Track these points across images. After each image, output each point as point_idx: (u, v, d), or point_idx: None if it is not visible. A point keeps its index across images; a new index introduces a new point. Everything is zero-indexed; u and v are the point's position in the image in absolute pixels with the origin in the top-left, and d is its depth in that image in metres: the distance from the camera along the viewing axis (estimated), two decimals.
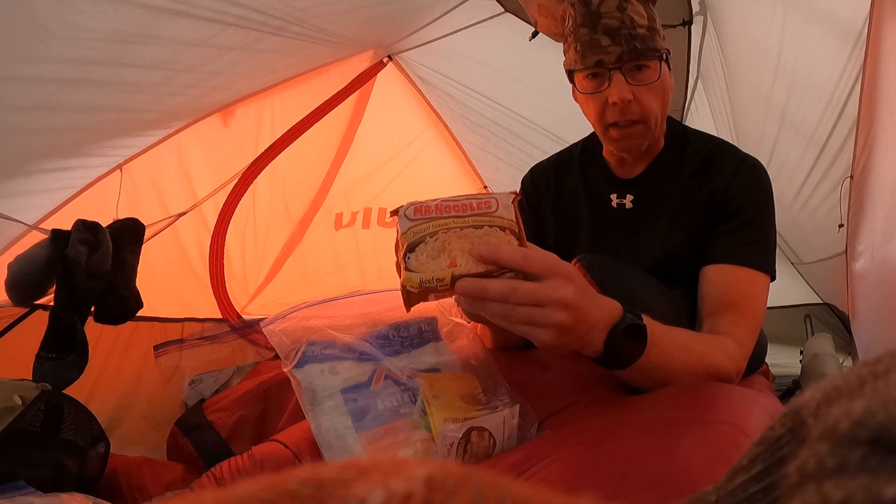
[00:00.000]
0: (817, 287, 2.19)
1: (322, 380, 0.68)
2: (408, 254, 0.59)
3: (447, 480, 0.15)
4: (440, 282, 0.58)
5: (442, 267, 0.58)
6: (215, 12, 1.17)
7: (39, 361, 1.02)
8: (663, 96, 0.95)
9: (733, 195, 0.94)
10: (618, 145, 0.97)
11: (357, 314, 0.77)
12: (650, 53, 0.90)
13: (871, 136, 1.35)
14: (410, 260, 0.59)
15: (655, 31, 0.92)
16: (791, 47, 1.49)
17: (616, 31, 0.89)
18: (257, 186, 1.85)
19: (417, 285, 0.58)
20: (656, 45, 0.91)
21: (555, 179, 1.12)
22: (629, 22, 0.89)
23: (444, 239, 0.59)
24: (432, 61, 2.00)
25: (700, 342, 0.81)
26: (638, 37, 0.89)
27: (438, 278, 0.58)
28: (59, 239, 1.03)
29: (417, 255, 0.59)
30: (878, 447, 0.16)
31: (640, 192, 1.02)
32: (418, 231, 0.60)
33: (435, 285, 0.58)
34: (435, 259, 0.59)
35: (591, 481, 0.54)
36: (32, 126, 1.13)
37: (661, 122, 0.97)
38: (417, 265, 0.59)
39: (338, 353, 0.70)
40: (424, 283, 0.58)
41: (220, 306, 1.86)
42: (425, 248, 0.59)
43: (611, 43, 0.89)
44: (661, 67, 0.92)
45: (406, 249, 0.60)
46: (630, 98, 0.91)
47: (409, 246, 0.59)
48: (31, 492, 0.83)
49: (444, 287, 0.59)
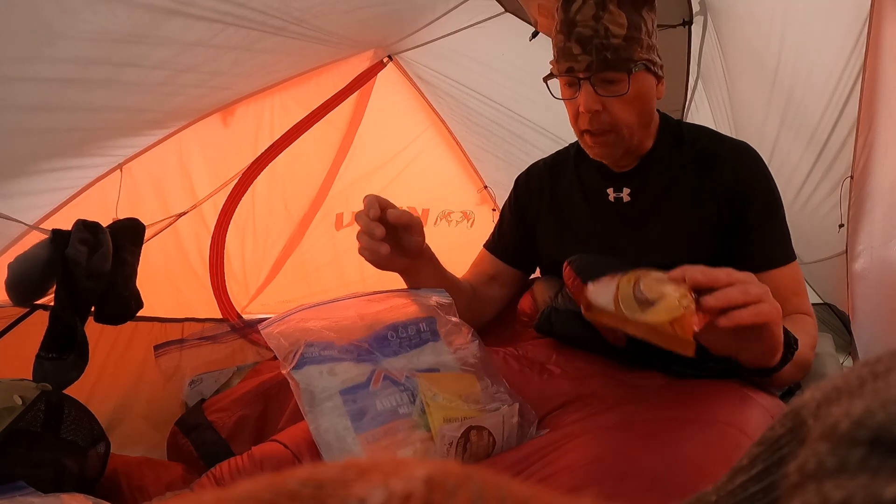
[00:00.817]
0: (817, 287, 2.19)
1: (321, 381, 0.68)
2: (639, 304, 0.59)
3: (447, 480, 0.15)
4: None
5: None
6: (216, 12, 1.17)
7: (39, 361, 1.02)
8: (640, 106, 0.93)
9: (742, 192, 0.95)
10: (592, 151, 0.98)
11: (355, 315, 0.77)
12: (621, 65, 0.89)
13: (871, 136, 1.35)
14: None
15: (635, 41, 0.90)
16: (791, 47, 1.49)
17: (587, 41, 0.88)
18: (257, 186, 1.85)
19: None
20: (632, 55, 0.89)
21: (549, 179, 1.12)
22: (603, 32, 0.88)
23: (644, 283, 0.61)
24: (432, 61, 2.00)
25: (800, 326, 0.88)
26: (610, 47, 0.88)
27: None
28: (60, 239, 1.03)
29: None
30: (878, 447, 0.16)
31: (637, 184, 1.01)
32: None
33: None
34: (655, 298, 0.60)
35: (591, 481, 0.54)
36: (33, 126, 1.13)
37: (639, 130, 0.96)
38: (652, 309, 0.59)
39: (336, 354, 0.70)
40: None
41: (221, 306, 1.86)
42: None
43: (581, 52, 0.89)
44: (630, 80, 0.90)
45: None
46: (598, 108, 0.91)
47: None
48: (31, 492, 0.83)
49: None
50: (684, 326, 0.57)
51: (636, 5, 0.90)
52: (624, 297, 0.60)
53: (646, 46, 0.92)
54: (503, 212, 1.20)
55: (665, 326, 0.57)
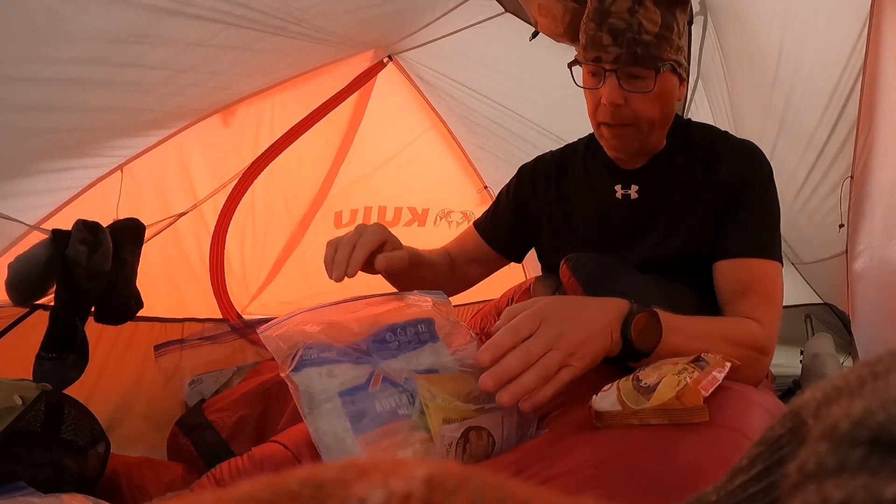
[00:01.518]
0: (817, 287, 2.19)
1: (320, 383, 0.67)
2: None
3: (447, 480, 0.15)
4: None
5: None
6: (216, 12, 1.17)
7: (39, 361, 1.02)
8: (662, 104, 0.93)
9: (738, 185, 0.95)
10: (607, 143, 0.98)
11: (354, 318, 0.77)
12: (650, 62, 0.88)
13: (871, 136, 1.35)
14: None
15: (665, 41, 0.89)
16: (791, 47, 1.49)
17: (620, 33, 0.87)
18: (257, 186, 1.85)
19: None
20: (661, 54, 0.89)
21: (557, 172, 1.11)
22: (636, 26, 0.87)
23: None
24: (432, 61, 2.00)
25: (719, 322, 0.86)
26: (641, 42, 0.87)
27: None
28: (60, 239, 1.03)
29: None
30: (878, 447, 0.16)
31: (645, 182, 1.01)
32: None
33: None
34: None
35: (591, 482, 0.54)
36: (33, 126, 1.13)
37: (658, 129, 0.96)
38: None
39: (335, 356, 0.70)
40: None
41: (221, 306, 1.86)
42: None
43: (612, 43, 0.88)
44: (657, 78, 0.89)
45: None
46: (620, 102, 0.90)
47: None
48: (31, 492, 0.83)
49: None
50: (690, 396, 0.58)
51: (670, 5, 0.89)
52: (626, 393, 0.61)
53: (675, 47, 0.91)
54: (500, 196, 1.19)
55: (672, 402, 0.58)
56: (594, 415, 0.63)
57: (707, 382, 0.60)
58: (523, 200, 1.14)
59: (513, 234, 1.15)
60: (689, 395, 0.57)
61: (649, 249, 0.99)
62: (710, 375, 0.61)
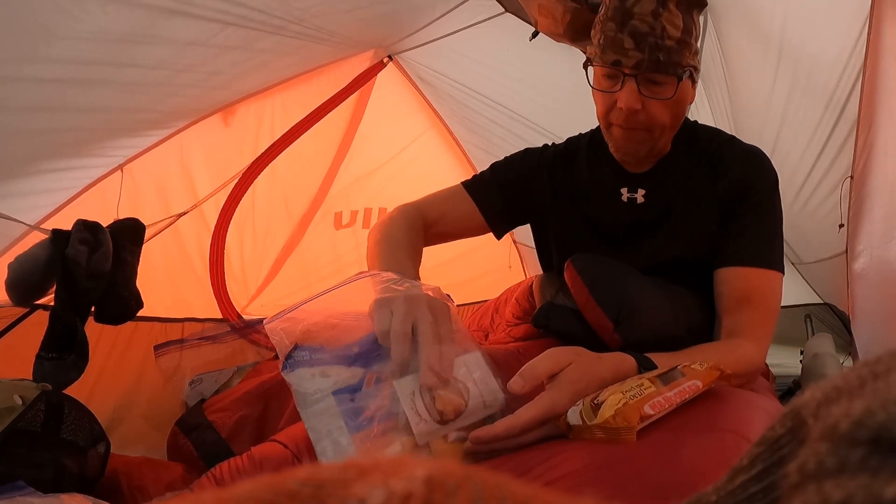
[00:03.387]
0: (817, 287, 2.19)
1: (313, 383, 0.68)
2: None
3: (447, 480, 0.15)
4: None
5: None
6: (215, 12, 1.17)
7: (40, 361, 1.02)
8: (676, 110, 0.91)
9: (742, 191, 0.94)
10: (615, 145, 0.95)
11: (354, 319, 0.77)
12: (671, 69, 0.85)
13: (871, 136, 1.35)
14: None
15: (686, 46, 0.86)
16: (791, 47, 1.49)
17: (642, 37, 0.84)
18: (257, 186, 1.85)
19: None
20: (682, 60, 0.86)
21: (562, 166, 1.07)
22: (660, 31, 0.84)
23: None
24: (432, 61, 2.00)
25: (718, 357, 0.82)
26: (664, 48, 0.84)
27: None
28: (60, 239, 1.03)
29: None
30: (878, 447, 0.16)
31: (652, 186, 0.99)
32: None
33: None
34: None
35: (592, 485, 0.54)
36: (33, 126, 1.13)
37: (669, 133, 0.94)
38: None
39: (328, 357, 0.70)
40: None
41: (221, 306, 1.86)
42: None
43: (633, 47, 0.84)
44: (678, 85, 0.87)
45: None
46: (638, 108, 0.87)
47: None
48: (31, 492, 0.83)
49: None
50: (626, 415, 0.59)
51: (690, 7, 0.87)
52: (585, 409, 0.62)
53: (693, 52, 0.89)
54: (496, 169, 1.11)
55: (609, 421, 0.59)
56: (564, 427, 0.63)
57: (658, 401, 0.61)
58: (526, 182, 1.08)
59: (504, 206, 1.08)
60: (623, 414, 0.59)
61: (653, 253, 0.98)
62: (669, 393, 0.62)
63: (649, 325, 0.86)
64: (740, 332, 0.87)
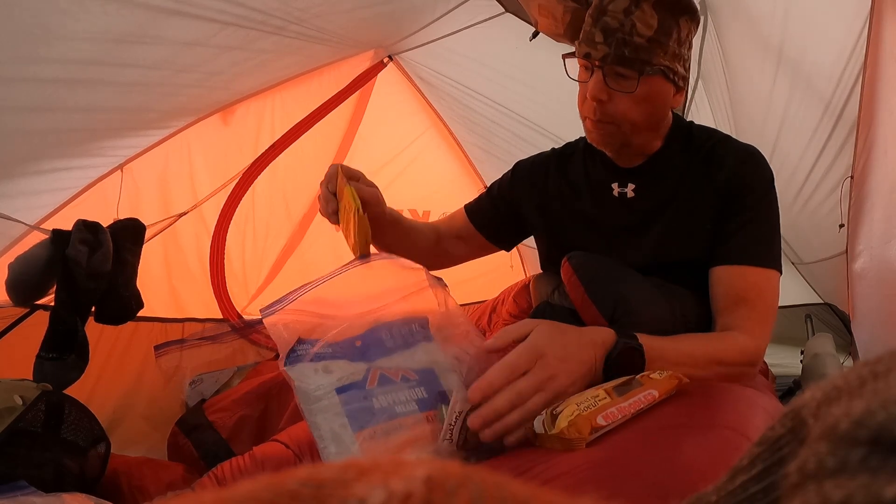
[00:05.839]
0: (818, 287, 2.19)
1: (315, 379, 0.67)
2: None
3: (447, 480, 0.15)
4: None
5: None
6: (215, 12, 1.17)
7: (40, 362, 1.02)
8: (648, 108, 0.93)
9: (737, 188, 0.94)
10: (589, 136, 0.99)
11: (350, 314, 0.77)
12: (637, 65, 0.88)
13: (871, 136, 1.35)
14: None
15: (659, 45, 0.89)
16: (791, 47, 1.49)
17: (611, 32, 0.88)
18: (257, 186, 1.85)
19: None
20: (651, 58, 0.88)
21: (557, 167, 1.11)
22: (629, 27, 0.87)
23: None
24: (433, 61, 2.00)
25: (708, 343, 0.85)
26: (631, 44, 0.87)
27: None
28: (60, 239, 1.03)
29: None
30: (878, 447, 0.16)
31: (642, 182, 1.01)
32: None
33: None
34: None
35: (591, 483, 0.54)
36: (33, 126, 1.13)
37: (644, 132, 0.96)
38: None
39: (330, 351, 0.70)
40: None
41: (221, 306, 1.86)
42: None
43: (602, 41, 0.89)
44: (640, 81, 0.89)
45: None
46: (603, 98, 0.91)
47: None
48: (32, 491, 0.83)
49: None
50: (578, 426, 0.61)
51: (674, 11, 0.89)
52: (546, 419, 0.64)
53: (671, 54, 0.90)
54: (493, 187, 1.19)
55: (562, 432, 0.61)
56: (531, 435, 0.65)
57: (612, 412, 0.63)
58: (517, 197, 1.13)
59: (502, 224, 1.16)
60: (576, 426, 0.61)
61: (647, 250, 0.99)
62: (624, 403, 0.65)
63: (645, 324, 0.86)
64: (736, 330, 0.88)
